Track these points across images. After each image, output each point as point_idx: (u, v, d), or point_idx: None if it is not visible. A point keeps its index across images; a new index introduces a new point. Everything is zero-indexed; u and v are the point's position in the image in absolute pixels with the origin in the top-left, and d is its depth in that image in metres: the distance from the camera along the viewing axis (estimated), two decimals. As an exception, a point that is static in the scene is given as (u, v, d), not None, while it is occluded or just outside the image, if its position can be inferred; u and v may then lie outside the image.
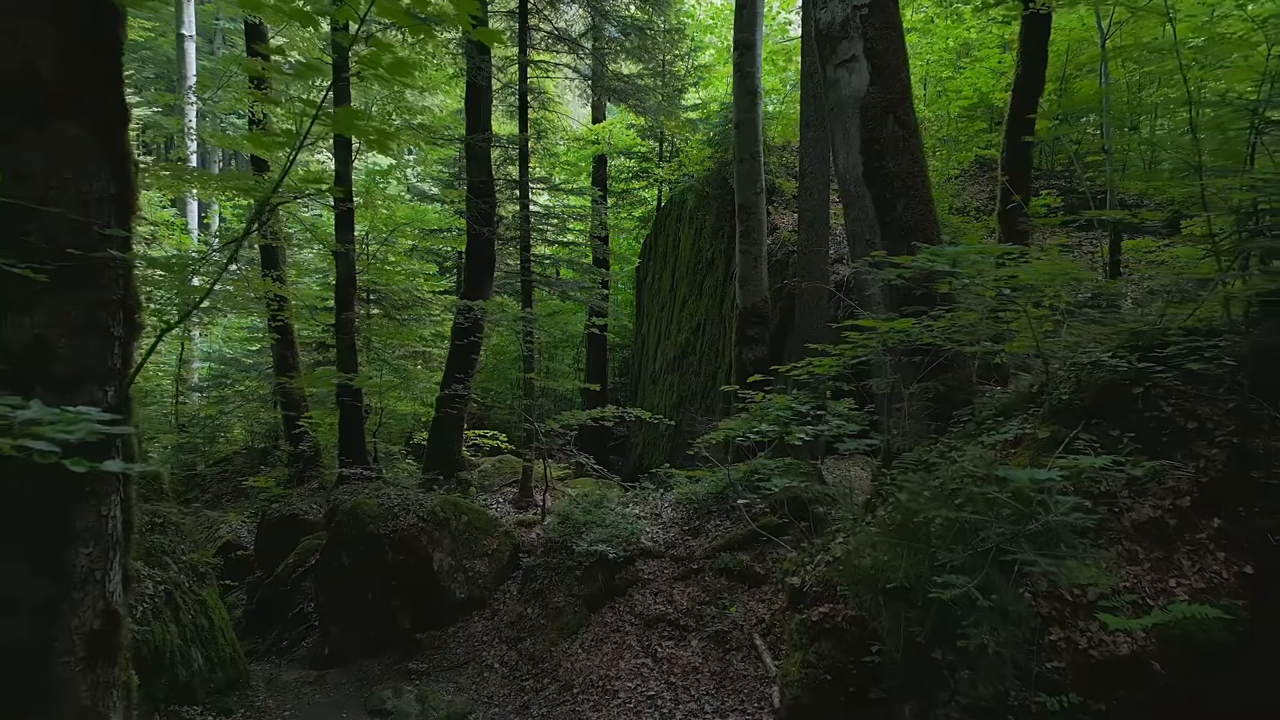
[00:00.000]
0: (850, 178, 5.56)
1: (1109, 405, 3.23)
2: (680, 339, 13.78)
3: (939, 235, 5.48)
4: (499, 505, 9.64)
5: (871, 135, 5.43)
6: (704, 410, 12.51)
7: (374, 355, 11.89)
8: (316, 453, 11.31)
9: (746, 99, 10.10)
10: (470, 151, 9.88)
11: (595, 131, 14.87)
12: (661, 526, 7.20)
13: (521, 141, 9.68)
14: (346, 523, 7.00)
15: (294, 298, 11.16)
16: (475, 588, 6.98)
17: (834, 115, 5.67)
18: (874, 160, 5.42)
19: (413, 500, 7.24)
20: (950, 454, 3.56)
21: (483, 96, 9.78)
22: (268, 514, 9.26)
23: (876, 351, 4.46)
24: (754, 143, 10.11)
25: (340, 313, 10.05)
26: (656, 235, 15.80)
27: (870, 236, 5.47)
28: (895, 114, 5.42)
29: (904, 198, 5.38)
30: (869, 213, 5.45)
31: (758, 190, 10.13)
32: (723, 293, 12.21)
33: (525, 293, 9.64)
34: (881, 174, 5.40)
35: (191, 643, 5.94)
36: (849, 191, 5.59)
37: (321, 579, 7.19)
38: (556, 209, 9.92)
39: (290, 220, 11.25)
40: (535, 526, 8.38)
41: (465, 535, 7.17)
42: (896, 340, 4.25)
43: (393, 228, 10.45)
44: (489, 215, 9.85)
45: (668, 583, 6.53)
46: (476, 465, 10.34)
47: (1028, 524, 2.46)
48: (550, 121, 10.57)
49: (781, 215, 11.51)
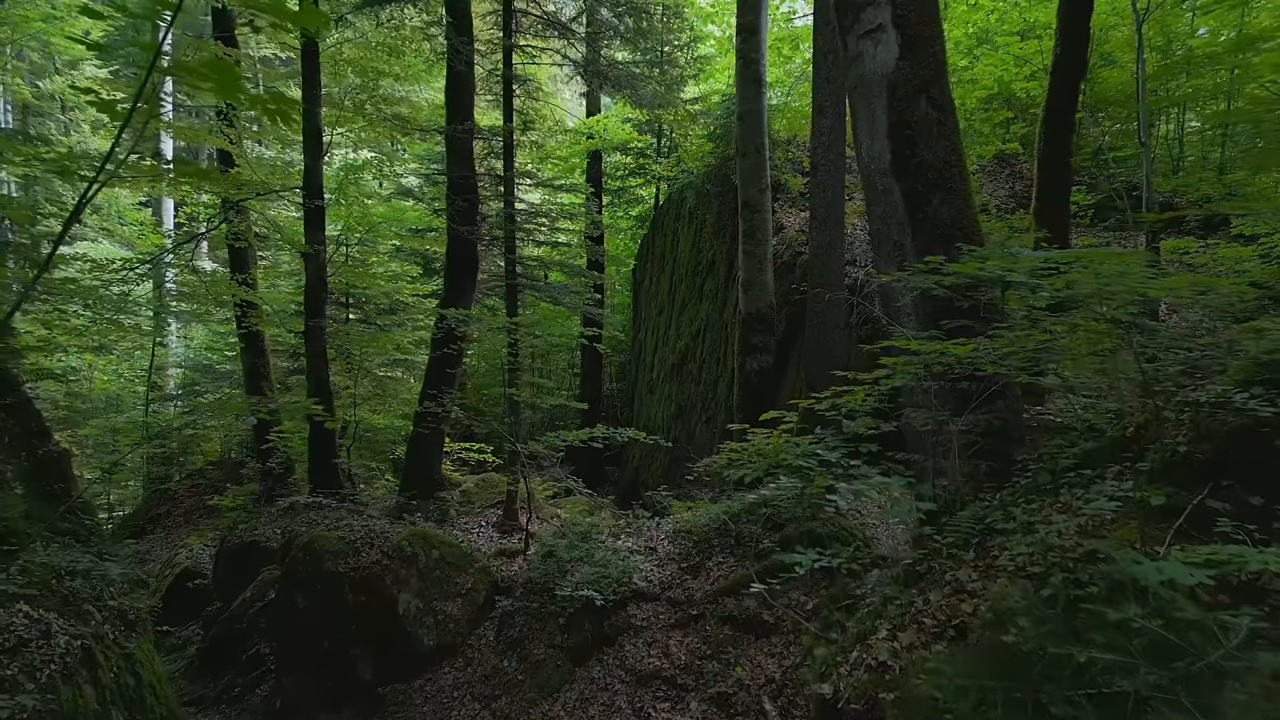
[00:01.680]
0: (875, 168, 4.77)
1: (1242, 461, 2.44)
2: (679, 345, 12.98)
3: (980, 234, 4.69)
4: (481, 529, 8.85)
5: (901, 118, 4.64)
6: (705, 422, 11.72)
7: (354, 364, 11.10)
8: (288, 469, 10.52)
9: (750, 88, 9.32)
10: (450, 144, 9.09)
11: (589, 125, 14.05)
12: (656, 563, 6.40)
13: (506, 133, 8.88)
14: (302, 559, 6.20)
15: (265, 302, 10.36)
16: (446, 633, 6.18)
17: (856, 95, 4.88)
18: (904, 147, 4.63)
19: (378, 532, 6.44)
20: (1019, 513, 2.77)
21: (464, 84, 8.98)
22: (227, 539, 8.46)
23: (916, 377, 3.66)
24: (759, 135, 9.32)
25: (309, 319, 9.25)
26: (654, 235, 15.00)
27: (899, 237, 4.68)
28: (928, 93, 4.64)
29: (940, 191, 4.59)
30: (898, 209, 4.66)
31: (762, 186, 9.35)
32: (724, 296, 11.43)
33: (510, 299, 8.84)
34: (913, 164, 4.61)
35: (112, 704, 5.14)
36: (873, 185, 4.80)
37: (274, 622, 6.40)
38: (546, 208, 9.14)
39: (260, 221, 10.45)
40: (519, 557, 7.59)
41: (436, 572, 6.38)
42: (945, 365, 3.45)
43: (368, 227, 9.65)
44: (471, 214, 9.05)
45: (663, 631, 5.73)
46: (458, 485, 9.55)
47: (1178, 659, 1.66)
48: (538, 111, 9.76)
49: (788, 214, 10.72)
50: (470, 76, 8.98)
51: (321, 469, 9.01)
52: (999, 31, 10.88)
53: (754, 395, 9.39)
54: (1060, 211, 6.40)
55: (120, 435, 14.88)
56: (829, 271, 6.50)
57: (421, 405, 8.68)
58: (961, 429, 3.46)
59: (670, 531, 6.78)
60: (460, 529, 8.84)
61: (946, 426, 3.43)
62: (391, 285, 11.82)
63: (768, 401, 9.48)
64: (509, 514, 8.84)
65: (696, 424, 12.01)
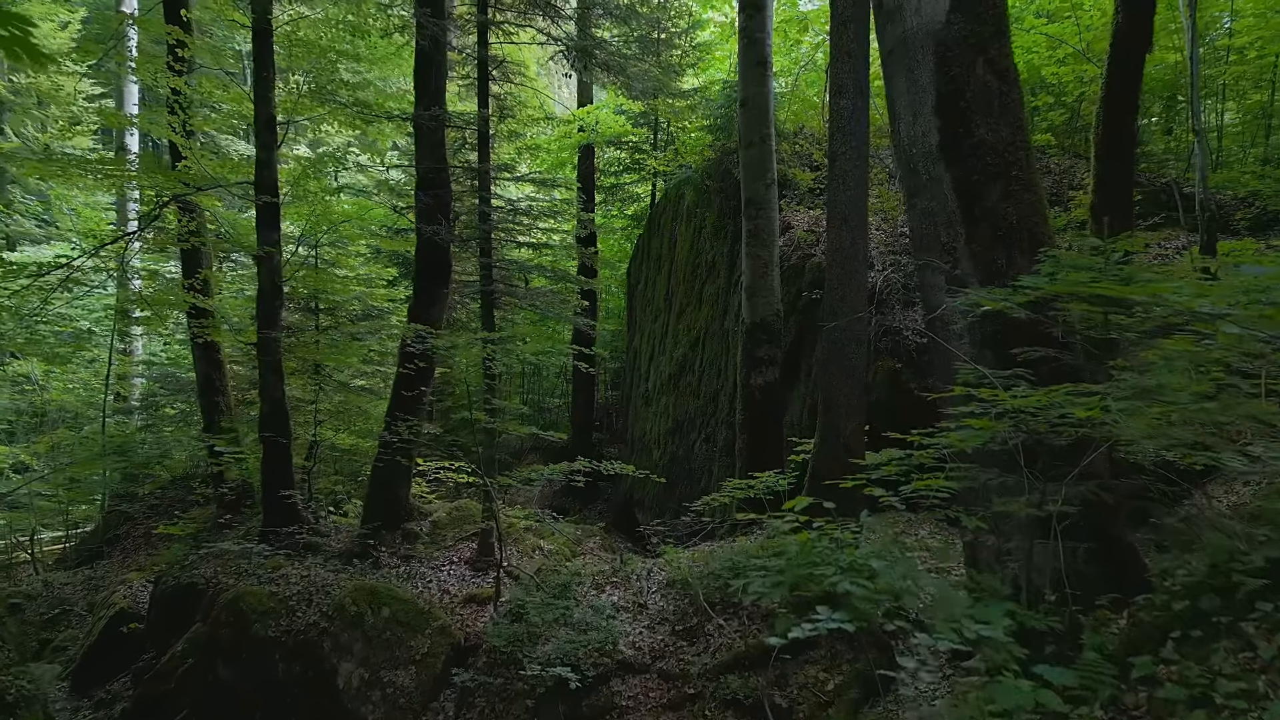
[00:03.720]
0: (918, 152, 3.78)
1: None
2: (677, 355, 11.99)
3: (1051, 235, 3.70)
4: (452, 566, 7.87)
5: (953, 88, 3.65)
6: (704, 439, 10.74)
7: (318, 379, 10.12)
8: (243, 492, 9.53)
9: (755, 70, 8.33)
10: (418, 133, 8.10)
11: (580, 117, 13.03)
12: (647, 623, 5.42)
13: (480, 120, 7.89)
14: (225, 621, 5.22)
15: (217, 310, 9.36)
16: (395, 710, 5.20)
17: (894, 61, 3.89)
18: (957, 125, 3.64)
19: (318, 586, 5.46)
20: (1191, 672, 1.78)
21: (432, 64, 7.99)
22: (163, 579, 7.47)
23: (999, 437, 2.66)
24: (764, 123, 8.34)
25: (262, 330, 8.25)
26: (650, 235, 14.00)
27: (949, 238, 3.69)
28: (987, 54, 3.65)
29: (1001, 180, 3.60)
30: (947, 202, 3.68)
31: (768, 181, 8.37)
32: (725, 303, 10.44)
33: (485, 310, 7.86)
34: (968, 145, 3.62)
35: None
36: (915, 173, 3.82)
37: (195, 694, 5.41)
38: (528, 205, 8.19)
39: (212, 221, 9.46)
40: (489, 605, 6.61)
41: (386, 635, 5.39)
42: (1042, 424, 2.44)
43: (328, 226, 8.67)
44: (442, 212, 8.06)
45: (653, 714, 4.75)
46: (428, 515, 8.56)
47: None
48: (518, 98, 8.75)
49: (795, 212, 9.73)
50: (440, 56, 7.99)
51: (275, 498, 8.01)
52: (1029, 11, 9.89)
53: (759, 413, 8.41)
54: (1122, 208, 5.43)
55: (79, 449, 13.90)
56: (849, 279, 5.52)
57: (386, 430, 7.69)
58: (1060, 511, 2.45)
59: (663, 582, 5.80)
60: (429, 565, 7.86)
61: (1044, 505, 2.43)
62: (364, 289, 10.84)
63: (774, 420, 8.50)
64: (484, 548, 7.86)
65: (696, 440, 11.02)
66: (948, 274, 3.70)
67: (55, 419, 13.74)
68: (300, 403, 9.80)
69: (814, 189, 9.98)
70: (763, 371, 8.36)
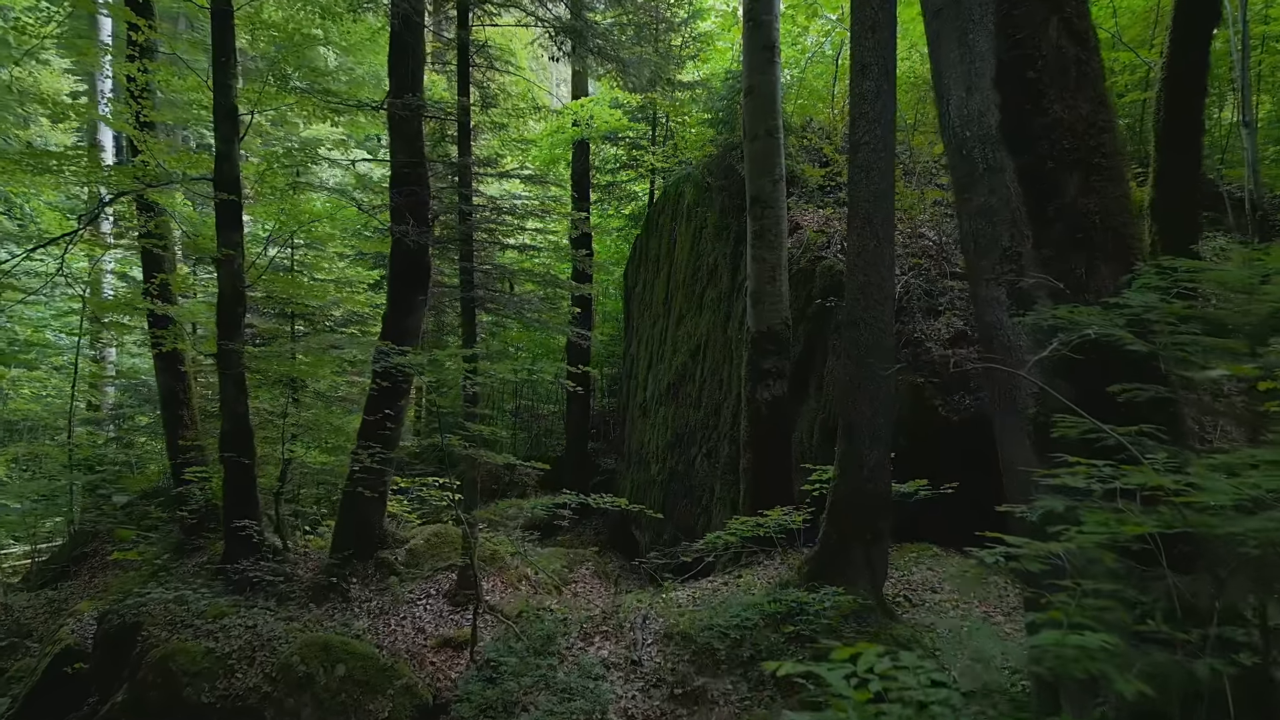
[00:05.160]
0: (973, 134, 3.06)
1: None
2: (676, 363, 11.27)
3: (1141, 239, 2.99)
4: (429, 601, 7.16)
5: (1020, 54, 2.93)
6: (706, 455, 10.02)
7: (292, 390, 9.41)
8: (206, 515, 8.81)
9: (761, 55, 7.63)
10: (392, 123, 7.39)
11: (574, 110, 12.30)
12: (641, 684, 4.70)
13: (460, 109, 7.18)
14: (152, 683, 4.52)
15: (177, 316, 8.65)
16: (349, 789, 4.48)
17: (941, 23, 3.17)
18: (1023, 99, 2.93)
19: (264, 639, 4.75)
20: None
21: (408, 50, 7.28)
22: (108, 617, 6.75)
23: (1116, 537, 1.89)
24: (771, 114, 7.63)
25: (222, 340, 7.54)
26: (648, 236, 13.27)
27: (1012, 241, 2.98)
28: (1063, 14, 2.93)
29: (1080, 169, 2.89)
30: (1011, 197, 2.96)
31: (776, 177, 7.66)
32: (728, 308, 9.73)
33: (467, 319, 7.14)
34: (1039, 125, 2.90)
35: None
36: (969, 160, 3.10)
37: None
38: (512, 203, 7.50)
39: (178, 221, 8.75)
40: (465, 651, 5.89)
41: (340, 698, 4.67)
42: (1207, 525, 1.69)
43: (298, 226, 7.95)
44: (418, 211, 7.35)
45: (648, 802, 4.04)
46: (404, 542, 7.84)
47: None
48: (503, 85, 8.00)
49: (804, 211, 9.01)
50: (416, 39, 7.27)
51: (236, 525, 7.29)
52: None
53: (766, 430, 7.70)
54: (1187, 206, 4.73)
55: (46, 461, 13.20)
56: (873, 287, 4.80)
57: (355, 460, 6.97)
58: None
59: (660, 634, 5.08)
60: (404, 599, 7.14)
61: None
62: (341, 294, 10.13)
63: (782, 437, 7.78)
64: (463, 581, 7.13)
65: (696, 455, 10.31)
66: (1010, 286, 2.99)
67: (21, 428, 13.02)
68: (271, 417, 9.09)
69: (824, 186, 9.26)
70: (769, 385, 7.65)
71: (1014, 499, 3.07)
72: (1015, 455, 3.04)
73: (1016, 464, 3.02)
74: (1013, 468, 3.05)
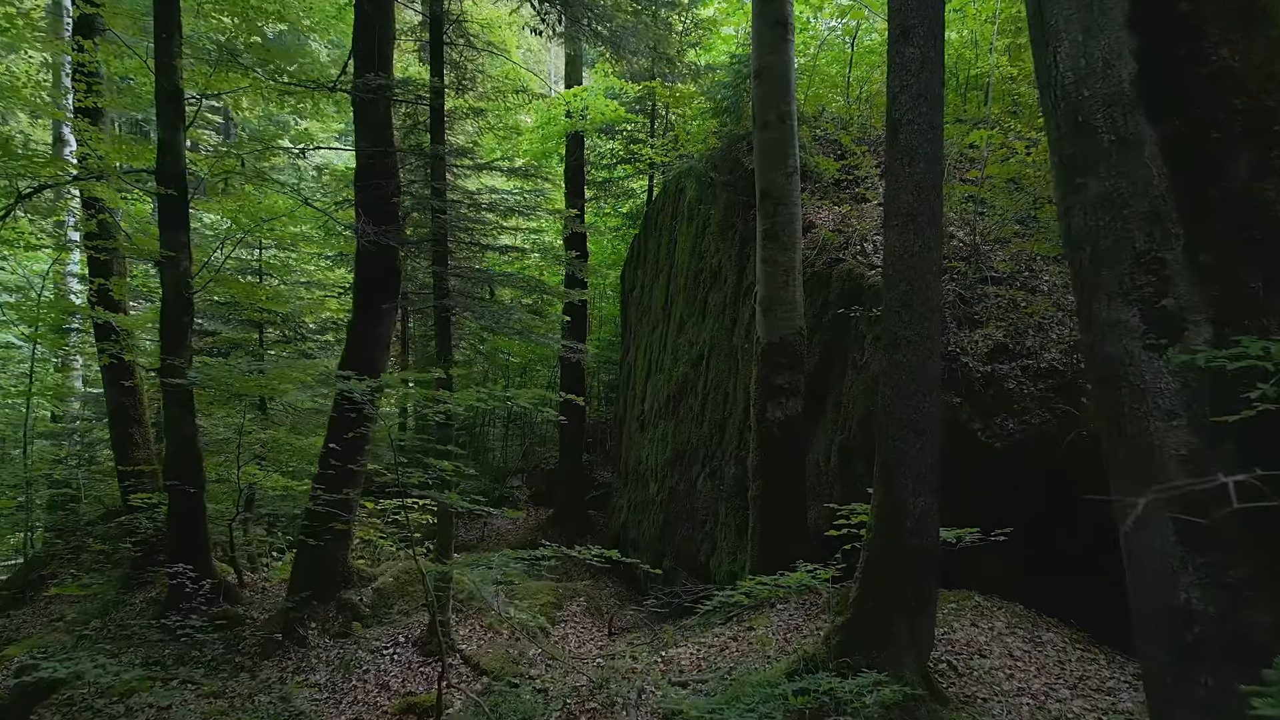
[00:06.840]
0: (1093, 94, 2.20)
1: None
2: (676, 374, 10.42)
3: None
4: (396, 650, 6.31)
5: (1167, -21, 2.09)
6: (708, 475, 9.16)
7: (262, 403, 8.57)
8: (154, 546, 7.96)
9: (773, 33, 6.79)
10: (357, 109, 6.54)
11: (567, 100, 11.43)
12: (636, 786, 3.85)
13: (434, 91, 6.32)
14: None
15: (121, 326, 7.79)
16: None
17: (1046, -56, 2.33)
18: (1173, 40, 2.07)
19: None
20: None
21: (375, 28, 6.43)
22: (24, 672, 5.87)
23: None
24: (784, 98, 6.79)
25: (165, 353, 6.68)
26: (646, 236, 12.42)
27: (1152, 242, 2.11)
28: (1227, -74, 2.11)
29: (1256, 142, 2.05)
30: (1152, 180, 2.10)
31: (789, 170, 6.82)
32: (734, 314, 8.88)
33: (441, 331, 6.28)
34: (1198, 77, 2.05)
35: None
36: (1085, 129, 2.25)
37: None
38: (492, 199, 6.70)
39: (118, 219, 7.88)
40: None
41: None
42: None
43: (251, 227, 7.10)
44: (386, 208, 6.50)
45: None
46: (371, 580, 6.98)
47: None
48: (479, 65, 7.13)
49: (818, 208, 8.16)
50: (383, 14, 6.42)
51: (176, 570, 6.40)
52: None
53: (778, 453, 6.85)
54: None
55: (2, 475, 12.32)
56: (918, 297, 3.96)
57: (316, 488, 6.10)
58: None
59: (660, 715, 4.22)
60: (368, 648, 6.30)
61: None
62: (310, 297, 9.27)
63: (795, 460, 6.92)
64: (434, 628, 6.29)
65: (699, 476, 9.45)
66: (1146, 306, 2.14)
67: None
68: (231, 435, 8.23)
69: (840, 180, 8.42)
70: (782, 403, 6.80)
71: (1148, 626, 2.21)
72: (1146, 561, 2.18)
73: (1148, 568, 2.17)
74: (1143, 572, 2.20)
